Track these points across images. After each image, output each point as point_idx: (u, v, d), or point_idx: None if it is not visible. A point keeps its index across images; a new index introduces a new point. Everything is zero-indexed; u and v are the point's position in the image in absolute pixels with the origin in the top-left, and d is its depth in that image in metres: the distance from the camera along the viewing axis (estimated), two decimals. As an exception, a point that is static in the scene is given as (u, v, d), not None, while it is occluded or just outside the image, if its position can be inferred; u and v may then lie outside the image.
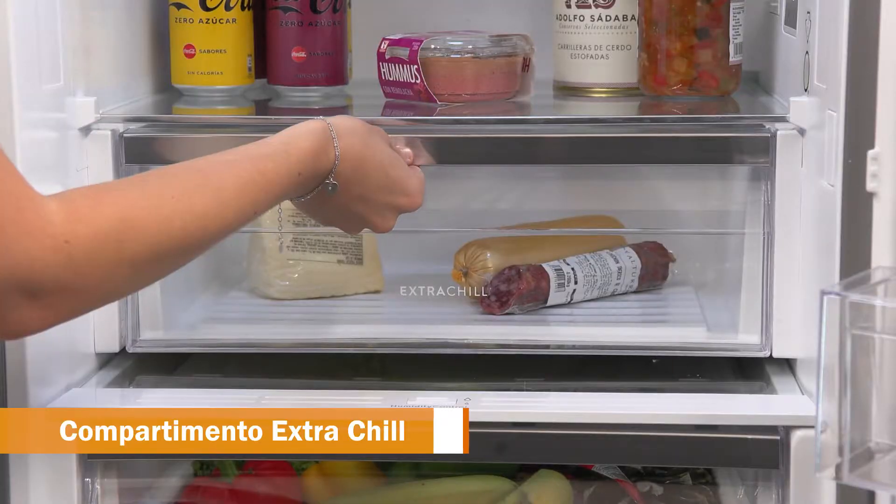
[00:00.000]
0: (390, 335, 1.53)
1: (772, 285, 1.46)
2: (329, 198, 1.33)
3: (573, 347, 1.50)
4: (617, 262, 1.66)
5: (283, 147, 1.27)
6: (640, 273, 1.67)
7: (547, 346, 1.51)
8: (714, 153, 1.47)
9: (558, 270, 1.62)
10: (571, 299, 1.63)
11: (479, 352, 1.51)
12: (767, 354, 1.47)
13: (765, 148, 1.44)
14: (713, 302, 1.64)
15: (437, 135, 1.46)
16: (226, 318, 1.63)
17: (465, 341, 1.51)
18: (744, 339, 1.49)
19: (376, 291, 1.70)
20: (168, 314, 1.54)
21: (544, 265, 1.62)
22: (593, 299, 1.64)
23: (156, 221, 1.14)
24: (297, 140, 1.28)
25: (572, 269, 1.63)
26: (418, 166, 1.42)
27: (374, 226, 1.38)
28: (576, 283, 1.62)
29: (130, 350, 1.51)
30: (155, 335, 1.53)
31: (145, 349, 1.52)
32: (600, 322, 1.59)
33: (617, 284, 1.66)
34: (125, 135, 1.47)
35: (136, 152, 1.48)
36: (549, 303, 1.61)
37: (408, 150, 1.42)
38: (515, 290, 1.59)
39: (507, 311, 1.59)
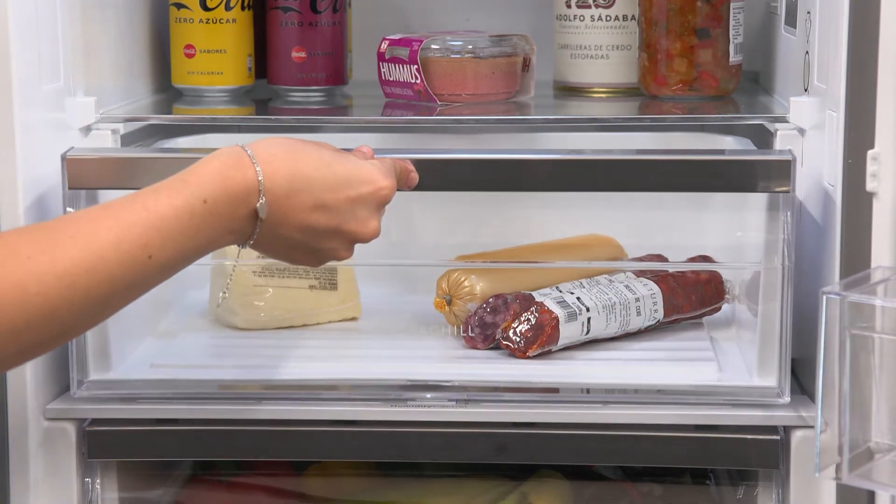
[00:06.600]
0: (361, 375, 1.39)
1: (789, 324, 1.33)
2: (276, 225, 1.15)
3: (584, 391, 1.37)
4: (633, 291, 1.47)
5: (178, 178, 1.12)
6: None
7: (557, 389, 1.37)
8: (732, 179, 1.33)
9: (561, 302, 1.45)
10: None
11: (462, 395, 1.36)
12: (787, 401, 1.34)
13: (786, 173, 1.31)
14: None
15: (430, 156, 1.32)
16: (182, 359, 1.46)
17: (450, 383, 1.37)
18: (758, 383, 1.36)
19: (353, 319, 1.58)
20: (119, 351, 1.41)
21: (535, 294, 1.47)
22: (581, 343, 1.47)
23: (4, 290, 1.01)
24: (196, 167, 1.13)
25: (564, 299, 1.46)
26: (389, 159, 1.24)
27: (353, 234, 1.19)
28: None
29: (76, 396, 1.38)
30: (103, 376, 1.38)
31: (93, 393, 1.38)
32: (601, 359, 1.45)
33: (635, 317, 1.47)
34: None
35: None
36: None
37: (366, 147, 1.25)
38: (502, 322, 1.44)
39: (490, 346, 1.45)
